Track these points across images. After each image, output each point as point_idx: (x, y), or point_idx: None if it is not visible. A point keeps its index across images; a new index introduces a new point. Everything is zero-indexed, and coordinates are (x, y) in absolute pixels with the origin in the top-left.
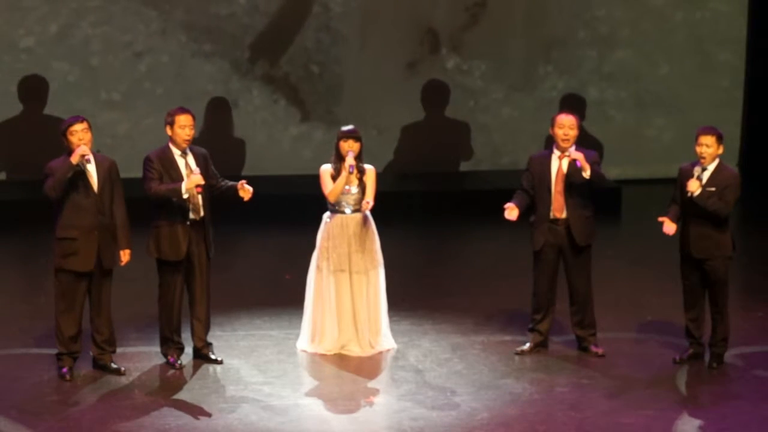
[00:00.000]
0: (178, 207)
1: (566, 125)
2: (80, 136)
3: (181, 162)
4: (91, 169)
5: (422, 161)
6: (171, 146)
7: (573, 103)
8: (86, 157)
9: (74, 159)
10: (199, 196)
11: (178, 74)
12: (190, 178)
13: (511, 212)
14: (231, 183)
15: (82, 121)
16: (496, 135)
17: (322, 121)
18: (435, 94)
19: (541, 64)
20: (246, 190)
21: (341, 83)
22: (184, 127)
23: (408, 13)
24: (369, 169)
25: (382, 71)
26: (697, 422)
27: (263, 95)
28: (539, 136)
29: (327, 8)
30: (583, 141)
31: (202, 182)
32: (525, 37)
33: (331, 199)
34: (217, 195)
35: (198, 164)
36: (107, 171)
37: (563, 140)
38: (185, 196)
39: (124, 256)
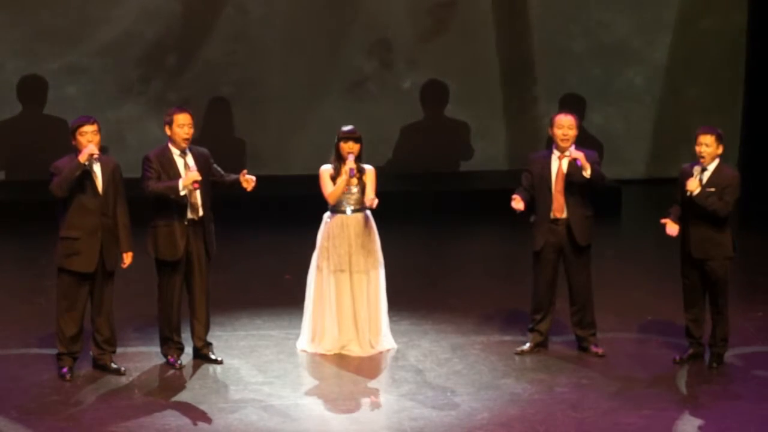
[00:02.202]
0: (175, 206)
1: (565, 125)
2: (90, 138)
3: (179, 162)
4: (97, 169)
5: (422, 161)
6: (170, 146)
7: (572, 103)
8: (94, 156)
9: (82, 158)
10: (198, 196)
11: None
12: (187, 174)
13: (518, 203)
14: (234, 176)
15: (93, 123)
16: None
17: None
18: (434, 93)
19: (526, 84)
20: (248, 180)
21: (264, 109)
22: (183, 126)
23: (351, 16)
24: (369, 169)
25: (317, 93)
26: (697, 422)
27: (155, 126)
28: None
29: (243, 10)
30: (584, 141)
31: (199, 178)
32: (506, 48)
33: (331, 201)
34: (224, 190)
35: (197, 164)
36: (111, 172)
37: (562, 140)
38: (182, 193)
39: (127, 258)
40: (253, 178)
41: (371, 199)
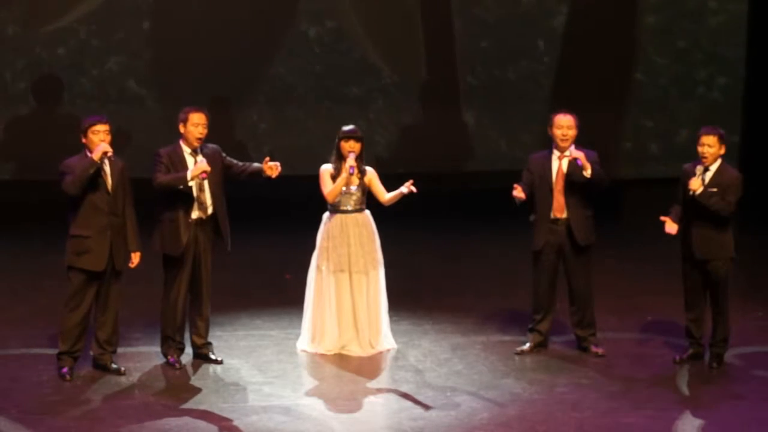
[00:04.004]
0: (182, 203)
1: (564, 125)
2: (102, 137)
3: (190, 160)
4: (107, 168)
5: (422, 161)
6: (182, 144)
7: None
8: (108, 154)
9: (96, 156)
10: (207, 194)
11: None
12: (197, 165)
13: (520, 192)
14: (256, 165)
15: (105, 122)
16: None
17: None
18: (434, 93)
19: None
20: (272, 167)
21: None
22: (197, 125)
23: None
24: (370, 170)
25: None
26: (697, 422)
27: (132, 83)
28: None
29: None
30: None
31: (208, 169)
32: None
33: (330, 199)
34: (243, 179)
35: (208, 161)
36: (120, 172)
37: (562, 140)
38: (191, 183)
39: (135, 258)
40: (277, 164)
41: (406, 185)
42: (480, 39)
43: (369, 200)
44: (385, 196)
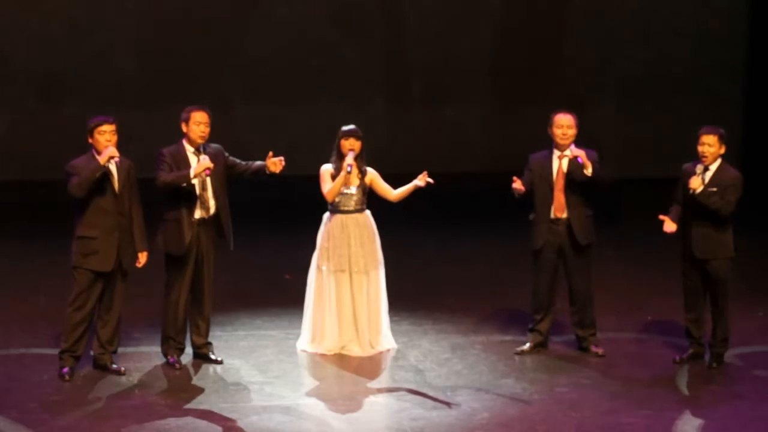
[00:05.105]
0: (185, 203)
1: (564, 125)
2: (108, 137)
3: (193, 159)
4: (113, 169)
5: (422, 161)
6: (185, 143)
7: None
8: (115, 159)
9: (103, 160)
10: (210, 192)
11: None
12: (200, 162)
13: (520, 185)
14: (259, 162)
15: (111, 123)
16: None
17: None
18: (433, 93)
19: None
20: (275, 163)
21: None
22: (200, 124)
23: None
24: (371, 171)
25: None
26: (697, 422)
27: (121, 55)
28: None
29: None
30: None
31: (211, 166)
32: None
33: (329, 198)
34: (247, 177)
35: (211, 159)
36: (127, 172)
37: (561, 139)
38: (194, 181)
39: (142, 257)
40: (281, 159)
41: (420, 177)
42: (426, 19)
43: (370, 200)
44: (393, 193)
